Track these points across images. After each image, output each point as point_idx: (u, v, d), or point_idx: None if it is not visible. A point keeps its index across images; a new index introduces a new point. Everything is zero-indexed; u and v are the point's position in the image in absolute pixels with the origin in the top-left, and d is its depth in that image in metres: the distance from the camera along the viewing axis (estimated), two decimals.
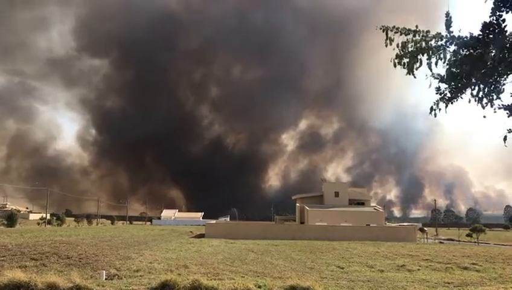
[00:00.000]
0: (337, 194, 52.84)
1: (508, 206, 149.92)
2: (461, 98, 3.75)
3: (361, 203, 54.11)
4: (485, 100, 3.66)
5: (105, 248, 21.51)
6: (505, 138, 3.76)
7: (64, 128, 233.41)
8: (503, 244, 40.75)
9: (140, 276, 14.79)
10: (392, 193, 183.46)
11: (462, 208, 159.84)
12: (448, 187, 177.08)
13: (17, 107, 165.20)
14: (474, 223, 72.26)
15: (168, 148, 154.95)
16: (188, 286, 12.02)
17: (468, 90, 3.68)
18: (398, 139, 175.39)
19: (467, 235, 46.51)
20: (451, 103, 3.82)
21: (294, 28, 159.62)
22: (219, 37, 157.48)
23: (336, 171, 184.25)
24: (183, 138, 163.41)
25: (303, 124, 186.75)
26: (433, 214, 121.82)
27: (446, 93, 3.81)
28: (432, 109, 3.91)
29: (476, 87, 3.60)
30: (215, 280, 13.90)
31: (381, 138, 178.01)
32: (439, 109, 3.89)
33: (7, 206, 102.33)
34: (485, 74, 3.49)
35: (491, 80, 3.54)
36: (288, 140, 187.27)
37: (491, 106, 3.65)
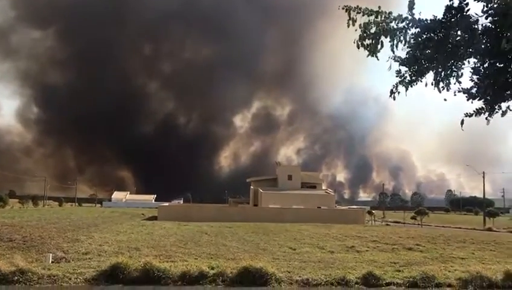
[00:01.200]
0: (290, 178, 53.57)
1: (449, 190, 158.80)
2: (421, 81, 3.79)
3: (313, 187, 55.21)
4: (441, 84, 3.71)
5: (52, 231, 20.69)
6: (462, 122, 3.84)
7: (1, 104, 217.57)
8: (443, 226, 43.05)
9: (89, 259, 14.38)
10: (342, 175, 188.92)
11: (407, 192, 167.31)
12: (395, 170, 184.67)
13: None
14: (418, 207, 75.94)
15: (117, 126, 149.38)
16: (140, 269, 11.81)
17: (428, 74, 3.71)
18: (348, 122, 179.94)
19: (412, 217, 48.74)
20: (411, 86, 3.85)
21: (246, 10, 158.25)
22: (170, 13, 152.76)
23: (286, 153, 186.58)
24: (133, 115, 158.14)
25: (255, 106, 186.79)
26: (381, 197, 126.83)
27: (406, 77, 3.83)
28: (391, 92, 3.92)
29: (436, 71, 3.64)
30: (167, 262, 13.75)
31: (332, 121, 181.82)
32: (399, 92, 3.92)
33: None
34: (446, 58, 3.52)
35: (450, 64, 3.58)
36: (241, 121, 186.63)
37: (447, 90, 3.71)
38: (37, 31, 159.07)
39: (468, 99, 3.68)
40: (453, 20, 3.42)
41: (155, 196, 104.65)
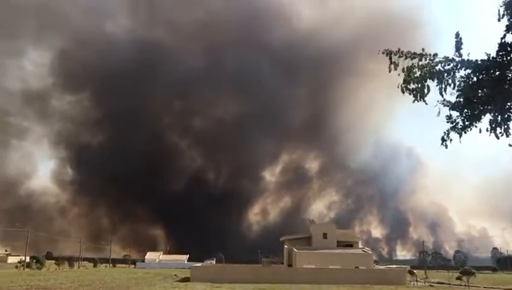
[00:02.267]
0: (325, 236, 51.92)
1: (494, 248, 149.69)
2: (475, 126, 3.44)
3: (349, 245, 53.19)
4: (499, 129, 3.35)
5: None
6: None
7: (38, 164, 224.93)
8: (492, 287, 40.06)
9: None
10: (377, 231, 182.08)
11: (448, 249, 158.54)
12: (432, 226, 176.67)
13: None
14: (462, 266, 71.48)
15: (148, 184, 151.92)
16: None
17: (484, 118, 3.37)
18: (379, 176, 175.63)
19: (457, 278, 45.76)
20: (465, 132, 3.50)
21: (271, 67, 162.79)
22: (198, 72, 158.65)
23: (318, 207, 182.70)
24: (163, 173, 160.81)
25: (284, 160, 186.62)
26: (421, 256, 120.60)
27: (458, 122, 3.50)
28: (443, 139, 3.58)
29: (493, 114, 3.30)
30: None
31: (362, 175, 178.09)
32: (451, 140, 3.57)
33: None
34: (504, 99, 3.19)
35: (509, 106, 3.24)
36: (270, 176, 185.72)
37: (507, 136, 3.34)
38: (72, 95, 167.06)
39: None
40: (509, 58, 3.12)
41: (188, 256, 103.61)
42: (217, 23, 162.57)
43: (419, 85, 3.43)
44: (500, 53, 3.18)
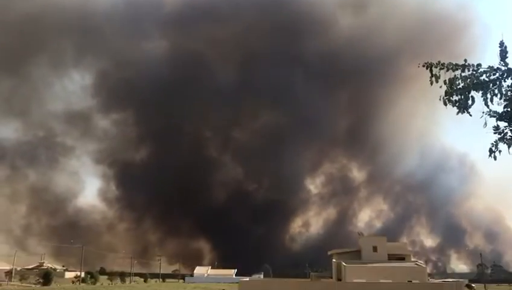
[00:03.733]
0: (375, 249, 50.48)
1: None
2: None
3: (401, 258, 51.43)
4: None
5: None
6: None
7: (85, 183, 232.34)
8: None
9: None
10: (429, 241, 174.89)
11: (508, 260, 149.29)
12: (489, 236, 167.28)
13: (38, 162, 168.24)
14: None
15: (191, 198, 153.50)
16: None
17: None
18: (429, 184, 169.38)
19: None
20: None
21: (308, 79, 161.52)
22: (235, 85, 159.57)
23: (364, 218, 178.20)
24: (206, 186, 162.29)
25: (325, 172, 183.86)
26: (480, 268, 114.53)
27: (507, 133, 3.37)
28: (491, 151, 3.45)
29: None
30: None
31: (410, 182, 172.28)
32: (500, 151, 3.44)
33: (44, 264, 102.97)
34: None
35: None
36: (312, 187, 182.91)
37: None
38: (115, 113, 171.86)
39: None
40: None
41: (235, 270, 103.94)
42: (253, 34, 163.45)
43: (463, 96, 3.34)
44: None
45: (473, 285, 48.46)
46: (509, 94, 3.28)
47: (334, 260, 51.77)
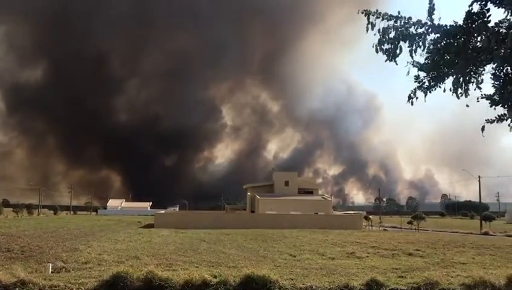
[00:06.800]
0: (287, 183, 53.52)
1: (444, 195, 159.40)
2: (439, 87, 3.77)
3: (309, 192, 55.19)
4: (460, 90, 3.69)
5: (50, 240, 20.47)
6: (482, 128, 3.82)
7: None
8: (440, 231, 43.09)
9: (89, 268, 14.21)
10: (332, 170, 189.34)
11: (401, 197, 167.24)
12: (386, 171, 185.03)
13: None
14: (414, 211, 76.12)
15: (94, 123, 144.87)
16: (142, 278, 11.67)
17: (447, 80, 3.70)
18: (333, 120, 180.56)
19: (408, 222, 48.76)
20: (430, 92, 3.84)
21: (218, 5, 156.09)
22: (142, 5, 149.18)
23: (272, 148, 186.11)
24: (110, 110, 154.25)
25: (236, 101, 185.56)
26: (376, 201, 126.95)
27: (425, 82, 3.82)
28: (409, 97, 3.90)
29: (456, 77, 3.62)
30: (169, 270, 13.61)
31: (317, 117, 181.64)
32: (417, 98, 3.90)
33: None
34: (466, 63, 3.51)
35: (469, 70, 3.57)
36: (223, 115, 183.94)
37: (466, 96, 3.69)
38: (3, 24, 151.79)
39: (491, 106, 3.67)
40: (474, 26, 3.41)
41: (150, 203, 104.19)
42: None
43: (393, 46, 3.68)
44: (467, 21, 3.46)
45: (370, 216, 53.70)
46: (431, 47, 3.67)
47: (248, 193, 54.08)
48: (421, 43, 3.66)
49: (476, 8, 3.40)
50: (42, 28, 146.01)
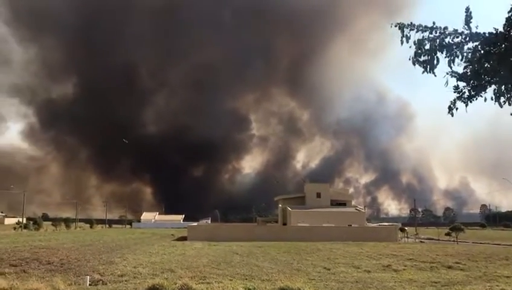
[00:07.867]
0: (318, 195, 52.97)
1: (483, 205, 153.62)
2: (481, 96, 3.68)
3: (342, 204, 54.42)
4: (502, 98, 3.59)
5: (87, 253, 20.98)
6: None
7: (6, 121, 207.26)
8: (481, 243, 41.53)
9: (125, 281, 14.43)
10: (364, 179, 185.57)
11: (437, 208, 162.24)
12: (419, 179, 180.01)
13: None
14: (451, 222, 73.76)
15: (124, 135, 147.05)
16: None
17: (489, 89, 3.61)
18: (366, 127, 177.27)
19: (446, 234, 47.26)
20: (471, 102, 3.74)
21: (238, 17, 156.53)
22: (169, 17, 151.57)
23: (300, 158, 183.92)
24: (139, 122, 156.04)
25: (264, 111, 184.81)
26: (412, 213, 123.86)
27: (465, 92, 3.73)
28: (449, 108, 3.82)
29: (498, 85, 3.53)
30: (203, 283, 13.67)
31: (346, 126, 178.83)
32: (457, 108, 3.81)
33: None
34: (509, 71, 3.41)
35: None
36: (253, 126, 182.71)
37: (510, 104, 3.58)
38: (34, 42, 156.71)
39: None
40: None
41: (183, 216, 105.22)
42: None
43: (429, 57, 3.62)
44: (507, 28, 3.37)
45: (405, 228, 52.43)
46: (469, 56, 3.59)
47: (280, 205, 53.83)
48: (458, 53, 3.59)
49: None
50: (72, 43, 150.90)
